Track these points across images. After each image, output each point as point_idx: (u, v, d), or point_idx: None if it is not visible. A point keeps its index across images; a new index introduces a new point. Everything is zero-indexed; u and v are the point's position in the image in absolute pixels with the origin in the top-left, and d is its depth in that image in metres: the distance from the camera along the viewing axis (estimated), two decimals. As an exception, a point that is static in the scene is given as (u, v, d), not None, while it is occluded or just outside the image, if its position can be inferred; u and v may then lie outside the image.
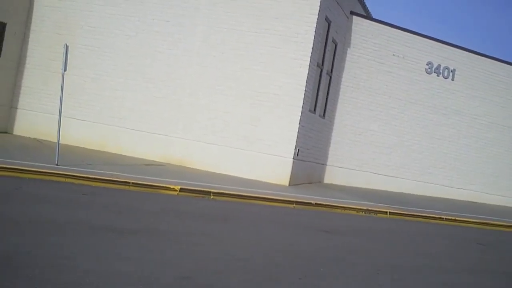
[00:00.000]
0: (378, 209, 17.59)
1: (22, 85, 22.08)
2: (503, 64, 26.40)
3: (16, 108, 22.04)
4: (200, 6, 20.65)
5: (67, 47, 15.79)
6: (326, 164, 23.94)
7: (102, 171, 15.36)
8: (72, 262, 7.46)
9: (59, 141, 15.58)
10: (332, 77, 23.10)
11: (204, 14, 20.61)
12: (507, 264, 12.83)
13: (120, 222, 10.56)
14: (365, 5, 26.71)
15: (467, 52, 25.73)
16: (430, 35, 25.22)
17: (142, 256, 8.28)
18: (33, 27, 22.19)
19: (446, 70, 25.17)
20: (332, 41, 22.17)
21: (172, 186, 14.88)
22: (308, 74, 19.67)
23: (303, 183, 21.22)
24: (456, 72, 25.33)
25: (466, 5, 78.32)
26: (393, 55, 24.37)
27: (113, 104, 21.20)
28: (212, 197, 15.06)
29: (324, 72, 21.88)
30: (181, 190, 14.83)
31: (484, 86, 25.98)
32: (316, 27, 19.75)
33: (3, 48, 21.40)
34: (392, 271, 9.88)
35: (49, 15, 22.07)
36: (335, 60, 23.06)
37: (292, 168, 19.68)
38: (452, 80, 25.33)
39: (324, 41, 21.34)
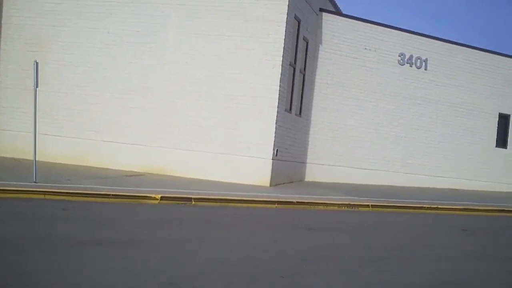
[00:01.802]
0: (360, 203, 17.68)
1: (-4, 105, 22.02)
2: (476, 51, 26.69)
3: (-8, 129, 21.97)
4: (170, 14, 20.66)
5: (37, 63, 15.72)
6: (306, 162, 24.00)
7: (81, 185, 15.32)
8: (55, 277, 7.45)
9: (35, 158, 15.51)
10: (306, 75, 23.18)
11: (175, 21, 20.61)
12: (494, 249, 12.90)
13: (103, 234, 10.53)
14: (334, 1, 26.83)
15: (438, 41, 25.96)
16: (401, 27, 25.47)
17: (126, 266, 8.28)
18: (3, 45, 22.09)
19: (419, 60, 25.37)
20: (303, 39, 22.25)
21: (152, 195, 14.87)
22: (281, 73, 19.74)
23: (284, 183, 21.27)
24: (428, 62, 25.54)
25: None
26: (365, 48, 24.51)
27: (90, 117, 21.14)
28: (193, 203, 15.06)
29: (297, 70, 21.95)
30: (162, 198, 14.81)
31: (459, 73, 26.22)
32: (286, 27, 19.82)
33: (-26, 69, 21.31)
34: (378, 263, 9.93)
35: (19, 32, 21.99)
36: (308, 58, 23.14)
37: (272, 169, 19.73)
38: (425, 69, 25.54)
39: (295, 39, 21.43)
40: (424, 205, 18.57)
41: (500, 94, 27.04)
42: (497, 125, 27.10)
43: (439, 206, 18.71)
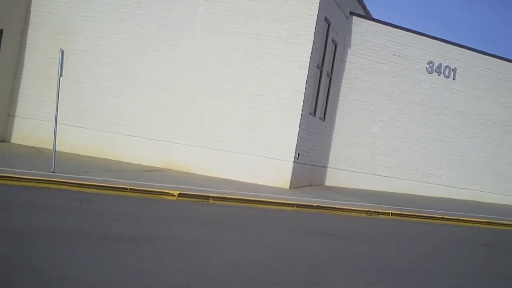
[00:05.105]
0: (380, 211, 17.37)
1: (19, 93, 21.92)
2: (506, 62, 26.10)
3: (14, 116, 21.87)
4: (198, 9, 20.48)
5: (62, 52, 15.60)
6: (327, 167, 23.72)
7: (99, 178, 15.17)
8: (64, 273, 7.23)
9: (55, 148, 15.40)
10: (332, 78, 22.90)
11: (202, 17, 20.44)
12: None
13: (117, 229, 10.35)
14: (365, 5, 26.52)
15: (468, 51, 25.49)
16: (430, 34, 25.05)
17: (138, 264, 8.06)
18: (30, 33, 22.04)
19: (447, 69, 24.95)
20: (332, 42, 21.98)
21: (170, 191, 14.68)
22: (307, 76, 19.47)
23: (303, 186, 21.00)
24: (457, 71, 25.11)
25: (468, 4, 78.03)
26: (394, 55, 24.16)
27: (111, 110, 21.02)
28: (211, 201, 14.87)
29: (324, 73, 21.68)
30: (180, 195, 14.63)
31: (487, 85, 25.72)
32: (315, 28, 19.55)
33: (0, 55, 21.23)
34: (399, 276, 9.64)
35: (46, 21, 21.91)
36: (335, 61, 22.86)
37: (292, 172, 19.46)
38: (454, 79, 25.11)
39: (324, 42, 21.15)
40: (446, 216, 18.21)
41: (529, 108, 26.55)
42: (524, 140, 26.62)
43: (461, 218, 18.34)
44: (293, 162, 19.46)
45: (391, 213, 17.39)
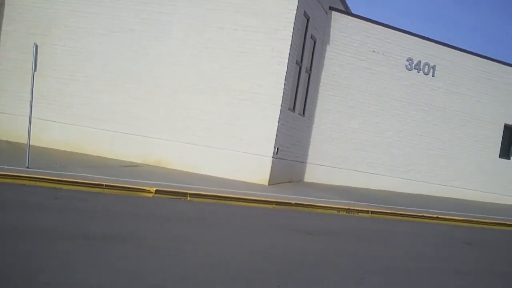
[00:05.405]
0: (360, 208, 17.26)
1: (-6, 87, 21.60)
2: (485, 60, 26.25)
3: (-12, 111, 21.57)
4: (177, 3, 20.25)
5: (36, 46, 15.31)
6: (306, 162, 23.62)
7: (75, 174, 14.90)
8: (36, 274, 7.02)
9: (29, 142, 15.11)
10: (311, 74, 22.78)
11: (182, 11, 20.20)
12: (496, 264, 12.50)
13: (93, 228, 10.12)
14: (345, 0, 26.41)
15: (447, 48, 25.52)
16: (410, 31, 25.00)
17: (115, 264, 7.89)
18: (5, 27, 21.69)
19: (427, 66, 24.95)
20: (311, 37, 21.84)
21: (147, 188, 14.46)
22: (286, 72, 19.33)
23: (283, 182, 20.88)
24: (436, 68, 25.13)
25: (451, 2, 78.32)
26: (373, 51, 24.09)
27: (90, 105, 20.74)
28: (189, 198, 14.67)
29: (303, 69, 21.54)
30: (157, 191, 14.41)
31: (466, 82, 25.81)
32: (294, 23, 19.40)
33: (-26, 49, 20.90)
34: (380, 274, 9.53)
35: (22, 15, 21.58)
36: (314, 57, 22.73)
37: (271, 167, 19.33)
38: (433, 76, 25.13)
39: (303, 37, 21.01)
40: (425, 214, 18.15)
41: (506, 105, 26.65)
42: (502, 136, 26.70)
43: (440, 216, 18.31)
44: (272, 157, 19.33)
45: (370, 211, 17.29)
